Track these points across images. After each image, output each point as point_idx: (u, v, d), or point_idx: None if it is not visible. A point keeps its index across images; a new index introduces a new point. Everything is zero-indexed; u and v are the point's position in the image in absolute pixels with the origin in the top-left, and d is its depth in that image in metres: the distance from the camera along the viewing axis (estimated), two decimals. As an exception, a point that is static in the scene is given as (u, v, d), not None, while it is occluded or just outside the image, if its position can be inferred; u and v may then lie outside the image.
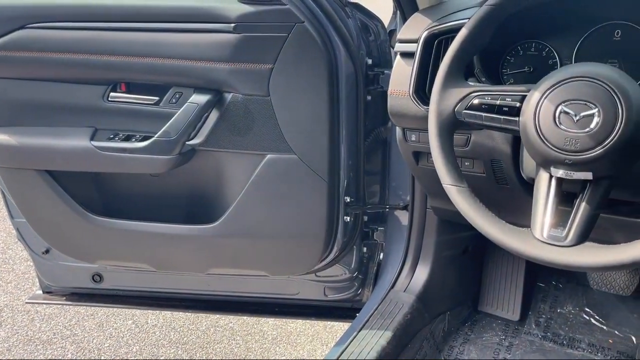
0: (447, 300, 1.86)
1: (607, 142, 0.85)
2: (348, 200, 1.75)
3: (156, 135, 1.57)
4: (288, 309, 2.12)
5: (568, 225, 0.92)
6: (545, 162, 0.94)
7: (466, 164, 1.36)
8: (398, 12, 1.47)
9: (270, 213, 1.71)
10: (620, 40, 1.19)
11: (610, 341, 1.78)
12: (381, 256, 1.98)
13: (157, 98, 1.62)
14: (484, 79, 1.23)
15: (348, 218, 1.78)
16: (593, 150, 0.86)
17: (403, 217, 1.87)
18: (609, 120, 0.85)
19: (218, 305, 2.16)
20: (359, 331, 1.62)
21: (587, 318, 1.86)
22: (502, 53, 1.31)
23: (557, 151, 0.89)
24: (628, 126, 0.84)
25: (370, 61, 1.68)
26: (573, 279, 1.96)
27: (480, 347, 1.80)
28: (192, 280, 2.06)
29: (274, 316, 2.34)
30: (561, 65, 1.23)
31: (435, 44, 1.20)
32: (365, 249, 1.96)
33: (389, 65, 1.68)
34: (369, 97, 1.71)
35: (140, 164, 1.63)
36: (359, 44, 1.63)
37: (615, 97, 0.85)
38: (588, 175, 0.90)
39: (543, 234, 0.93)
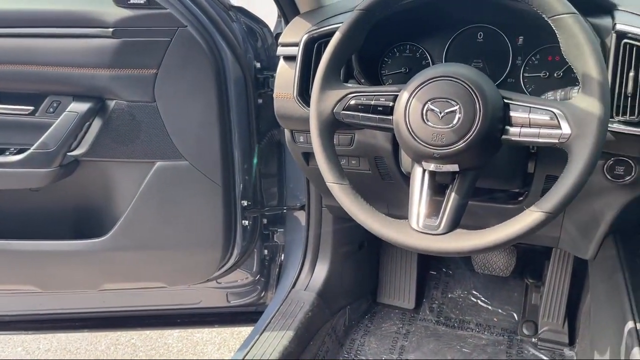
0: (347, 295, 1.92)
1: (468, 136, 0.92)
2: (245, 204, 1.75)
3: (33, 147, 1.48)
4: (191, 319, 2.08)
5: (440, 214, 0.98)
6: (417, 157, 1.00)
7: (353, 162, 1.42)
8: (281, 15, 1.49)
9: (164, 222, 1.67)
10: (483, 42, 1.29)
11: (495, 319, 1.93)
12: (282, 257, 2.00)
13: (32, 108, 1.53)
14: (363, 80, 1.29)
15: (246, 222, 1.78)
16: (457, 144, 0.93)
17: (301, 217, 1.90)
18: (469, 116, 0.92)
19: (116, 322, 2.06)
20: (261, 333, 1.63)
21: (475, 300, 2.00)
22: (380, 55, 1.37)
23: (426, 146, 0.95)
24: (485, 121, 0.92)
25: (258, 65, 1.69)
26: (461, 265, 2.09)
27: (379, 337, 1.87)
28: (86, 297, 1.95)
29: (178, 328, 2.28)
30: (433, 65, 1.31)
31: (315, 47, 1.24)
32: (266, 252, 1.97)
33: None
34: (260, 100, 1.72)
35: (16, 178, 1.52)
36: (246, 48, 1.63)
37: (473, 94, 0.93)
38: (455, 167, 0.97)
39: (419, 224, 0.99)
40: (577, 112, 0.88)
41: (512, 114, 0.94)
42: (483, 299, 1.99)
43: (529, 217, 0.90)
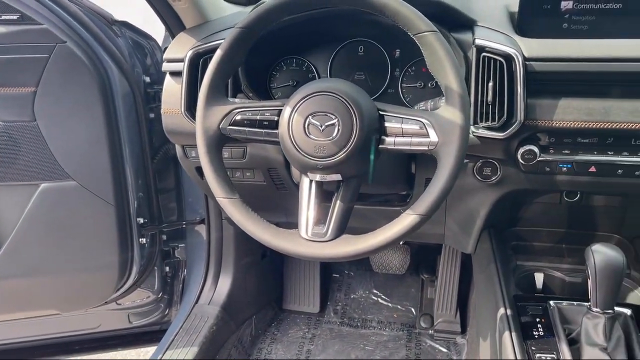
0: (252, 305, 1.93)
1: (347, 147, 0.98)
2: (141, 221, 1.71)
3: None
4: (91, 344, 1.99)
5: (327, 222, 1.03)
6: (303, 168, 1.04)
7: (247, 174, 1.44)
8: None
9: (54, 246, 1.59)
10: (364, 55, 1.37)
11: (395, 316, 2.03)
12: (185, 273, 1.97)
13: None
14: (251, 94, 1.31)
15: (144, 240, 1.73)
16: (338, 155, 0.98)
17: (202, 231, 1.88)
18: (347, 129, 0.98)
19: (8, 355, 1.93)
20: (165, 352, 1.60)
21: (376, 299, 2.09)
22: (268, 69, 1.41)
23: (310, 158, 1.00)
24: (362, 132, 0.98)
25: (148, 79, 1.66)
26: (361, 266, 2.18)
27: (286, 344, 1.91)
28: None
29: (77, 355, 2.16)
30: (319, 78, 1.36)
31: (201, 62, 1.24)
32: (167, 269, 1.93)
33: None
34: (152, 115, 1.69)
35: None
36: (133, 62, 1.60)
37: (350, 108, 0.98)
38: (338, 177, 1.02)
39: (307, 232, 1.03)
40: (442, 122, 0.96)
41: (386, 124, 1.00)
42: (383, 297, 2.09)
43: (405, 220, 0.97)
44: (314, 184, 1.06)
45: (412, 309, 2.04)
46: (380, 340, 1.91)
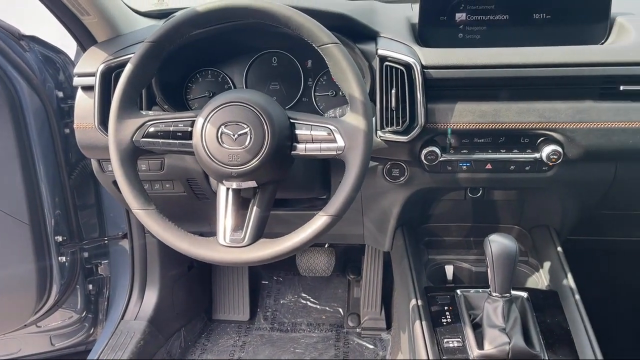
0: (181, 317, 1.92)
1: (260, 154, 1.02)
2: (60, 239, 1.67)
3: None
4: (10, 371, 1.90)
5: (244, 228, 1.07)
6: (218, 177, 1.07)
7: (167, 185, 1.44)
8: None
9: (-37, 270, 1.52)
10: (278, 66, 1.42)
11: (324, 317, 2.08)
12: (109, 289, 1.93)
13: None
14: (166, 107, 1.33)
15: (63, 258, 1.69)
16: (251, 163, 1.02)
17: (126, 245, 1.86)
18: (259, 137, 1.02)
19: None
20: (90, 372, 1.57)
21: (304, 302, 2.14)
22: (183, 81, 1.43)
23: (224, 167, 1.03)
24: (274, 140, 1.02)
25: (61, 94, 1.63)
26: (290, 271, 2.22)
27: (216, 354, 1.91)
28: None
29: (-4, 384, 2.06)
30: (233, 89, 1.40)
31: (113, 76, 1.25)
32: (91, 286, 1.89)
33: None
34: (67, 130, 1.66)
35: None
36: (44, 77, 1.57)
37: (261, 117, 1.03)
38: (253, 184, 1.06)
39: (225, 239, 1.06)
40: (348, 128, 1.02)
41: (297, 132, 1.05)
42: (312, 300, 2.14)
43: (318, 222, 1.02)
44: (230, 192, 1.10)
45: (340, 310, 2.11)
46: (310, 342, 1.96)
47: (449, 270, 1.42)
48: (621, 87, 1.14)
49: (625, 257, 1.68)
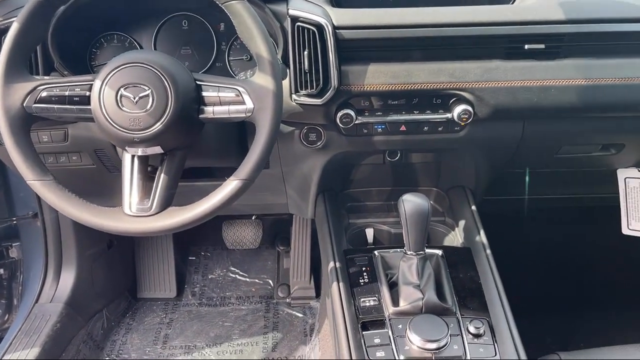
0: (102, 297, 1.85)
1: (163, 118, 0.97)
2: None
3: None
4: None
5: (152, 196, 1.02)
6: (121, 143, 1.01)
7: (73, 158, 1.36)
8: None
9: None
10: (189, 29, 1.36)
11: (254, 289, 2.07)
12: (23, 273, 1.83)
13: None
14: (66, 72, 1.24)
15: None
16: (154, 127, 0.97)
17: (37, 225, 1.75)
18: (161, 99, 0.97)
19: None
20: (1, 358, 1.48)
21: (233, 276, 2.11)
22: (87, 46, 1.34)
23: (125, 132, 0.98)
24: (178, 103, 0.97)
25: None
26: (218, 246, 2.18)
27: (142, 332, 1.86)
28: None
29: None
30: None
31: (2, 40, 1.15)
32: (2, 271, 1.78)
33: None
34: None
35: None
36: None
37: (163, 78, 0.97)
38: (159, 149, 1.01)
39: (132, 208, 1.01)
40: (256, 88, 0.99)
41: (204, 94, 1.01)
42: (241, 273, 2.12)
43: (228, 186, 1.00)
44: (136, 159, 1.04)
45: (270, 281, 2.10)
46: (239, 315, 1.94)
47: (370, 233, 1.44)
48: (526, 46, 1.17)
49: (535, 215, 1.76)
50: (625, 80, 1.19)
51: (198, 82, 1.02)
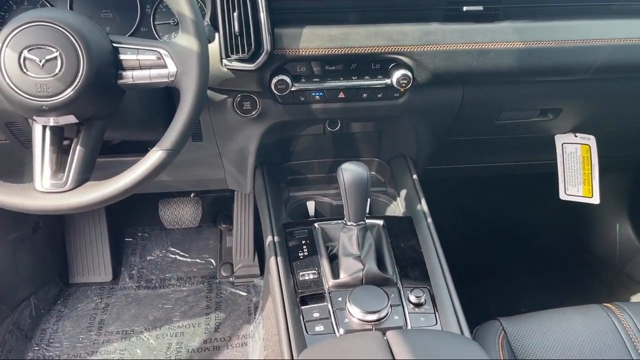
0: (28, 284, 1.73)
1: (75, 83, 0.87)
2: None
3: None
4: None
5: (66, 171, 0.93)
6: (27, 112, 0.91)
7: (-18, 133, 1.24)
8: None
9: None
10: None
11: (195, 270, 1.99)
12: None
13: None
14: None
15: None
16: (65, 93, 0.87)
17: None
18: (72, 63, 0.87)
19: None
20: None
21: (173, 257, 2.02)
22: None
23: (31, 99, 0.87)
24: (91, 67, 0.88)
25: None
26: (156, 226, 2.09)
27: (75, 319, 1.76)
28: None
29: None
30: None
31: None
32: None
33: None
34: None
35: None
36: None
37: (73, 39, 0.88)
38: (72, 119, 0.92)
39: (43, 184, 0.92)
40: (180, 50, 0.91)
41: (121, 57, 0.92)
42: (181, 253, 2.03)
43: (152, 158, 0.92)
44: (48, 130, 0.94)
45: (212, 260, 2.03)
46: (180, 297, 1.87)
47: (311, 206, 1.39)
48: (464, 8, 1.14)
49: (476, 183, 1.77)
50: (560, 43, 1.18)
51: (115, 44, 0.93)
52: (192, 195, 2.02)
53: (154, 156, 0.92)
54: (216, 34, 1.11)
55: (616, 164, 1.72)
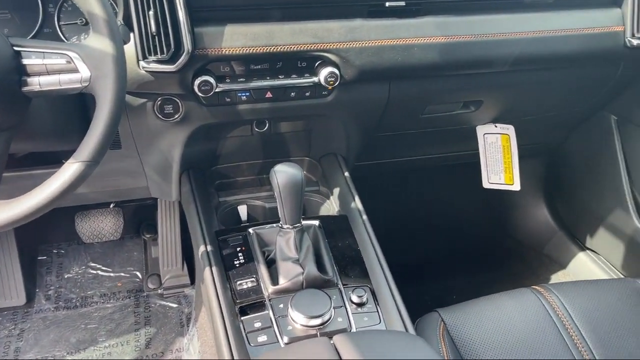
0: None
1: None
2: None
3: None
4: None
5: (-33, 190, 0.83)
6: None
7: None
8: None
9: None
10: None
11: (120, 284, 1.87)
12: None
13: None
14: None
15: None
16: (-39, 104, 0.78)
17: None
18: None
19: None
20: None
21: (95, 272, 1.89)
22: None
23: None
24: None
25: None
26: (73, 241, 1.94)
27: (-15, 350, 1.60)
28: None
29: None
30: None
31: None
32: None
33: None
34: None
35: None
36: None
37: None
38: (-28, 132, 0.82)
39: (-61, 207, 0.81)
40: (92, 53, 0.84)
41: (25, 62, 0.84)
42: (103, 268, 1.91)
43: (67, 171, 0.84)
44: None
45: (138, 273, 1.92)
46: (105, 314, 1.75)
47: (243, 210, 1.34)
48: (387, 4, 1.14)
49: (405, 176, 1.80)
50: (478, 37, 1.21)
51: (17, 48, 0.84)
52: (111, 206, 1.90)
53: (71, 169, 0.84)
54: (131, 35, 1.04)
55: (533, 151, 1.81)
